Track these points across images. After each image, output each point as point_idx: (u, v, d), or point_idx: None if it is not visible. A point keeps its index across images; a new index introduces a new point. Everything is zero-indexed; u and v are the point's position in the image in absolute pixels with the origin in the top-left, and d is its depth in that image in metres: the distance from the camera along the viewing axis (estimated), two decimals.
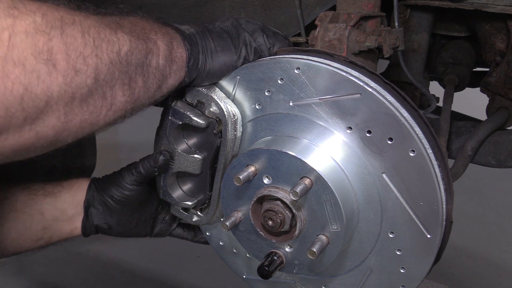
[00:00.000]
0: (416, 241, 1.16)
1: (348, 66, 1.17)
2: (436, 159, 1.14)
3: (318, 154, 1.17)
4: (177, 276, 3.52)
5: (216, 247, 1.49)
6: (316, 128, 1.19)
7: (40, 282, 3.35)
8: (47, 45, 0.84)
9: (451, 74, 1.92)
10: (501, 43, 1.65)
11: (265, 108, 1.24)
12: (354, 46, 1.35)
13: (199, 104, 1.29)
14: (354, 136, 1.16)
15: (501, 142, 1.60)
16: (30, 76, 0.81)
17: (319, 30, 1.38)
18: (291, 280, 1.39)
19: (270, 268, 1.22)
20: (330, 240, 1.17)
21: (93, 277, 3.42)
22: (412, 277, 1.20)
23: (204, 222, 1.42)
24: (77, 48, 0.88)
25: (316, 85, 1.16)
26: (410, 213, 1.14)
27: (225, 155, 1.29)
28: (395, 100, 1.13)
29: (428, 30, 1.78)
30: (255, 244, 1.29)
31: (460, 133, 1.66)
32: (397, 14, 1.45)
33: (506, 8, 1.44)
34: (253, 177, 1.20)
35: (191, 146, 1.35)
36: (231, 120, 1.26)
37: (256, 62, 1.24)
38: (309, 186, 1.14)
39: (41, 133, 0.89)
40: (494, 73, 1.68)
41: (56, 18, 0.87)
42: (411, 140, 1.10)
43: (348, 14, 1.38)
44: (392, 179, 1.14)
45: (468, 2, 1.48)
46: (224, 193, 1.29)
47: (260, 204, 1.22)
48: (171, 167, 1.35)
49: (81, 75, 0.89)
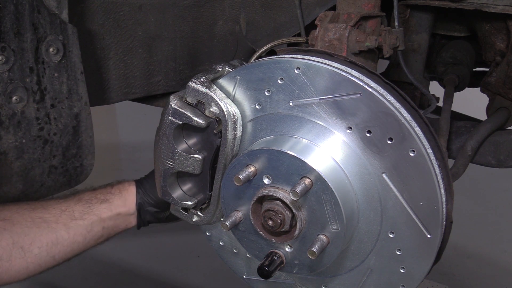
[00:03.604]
0: (416, 241, 1.16)
1: (348, 66, 1.17)
2: (436, 159, 1.14)
3: (318, 154, 1.17)
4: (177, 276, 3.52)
5: (216, 247, 1.49)
6: (316, 128, 1.19)
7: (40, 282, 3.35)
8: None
9: (451, 74, 1.92)
10: (501, 43, 1.65)
11: (265, 108, 1.24)
12: (354, 46, 1.35)
13: (199, 104, 1.29)
14: (354, 136, 1.16)
15: (501, 142, 1.60)
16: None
17: (319, 30, 1.38)
18: (291, 280, 1.39)
19: (270, 268, 1.22)
20: (330, 240, 1.17)
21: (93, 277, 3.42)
22: (412, 277, 1.20)
23: (204, 222, 1.42)
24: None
25: (316, 85, 1.16)
26: (410, 213, 1.14)
27: (225, 155, 1.29)
28: (395, 100, 1.13)
29: (428, 30, 1.78)
30: (255, 244, 1.29)
31: (460, 133, 1.66)
32: (397, 14, 1.45)
33: (506, 8, 1.44)
34: (253, 177, 1.20)
35: (191, 146, 1.35)
36: (231, 120, 1.26)
37: (256, 62, 1.24)
38: (309, 186, 1.14)
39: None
40: (494, 73, 1.68)
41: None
42: (411, 140, 1.10)
43: (348, 14, 1.38)
44: (392, 179, 1.14)
45: (468, 2, 1.48)
46: (224, 193, 1.29)
47: (260, 204, 1.22)
48: (171, 167, 1.35)
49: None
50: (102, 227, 1.61)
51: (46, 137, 1.54)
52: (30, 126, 1.49)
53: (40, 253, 1.50)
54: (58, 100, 1.52)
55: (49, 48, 1.46)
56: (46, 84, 1.49)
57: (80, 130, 1.59)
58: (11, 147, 1.48)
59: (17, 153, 1.50)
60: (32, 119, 1.49)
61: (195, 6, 1.81)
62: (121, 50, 1.72)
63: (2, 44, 1.37)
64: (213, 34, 1.88)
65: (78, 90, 1.54)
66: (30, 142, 1.51)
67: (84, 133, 1.60)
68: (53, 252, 1.53)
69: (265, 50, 1.52)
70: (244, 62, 1.39)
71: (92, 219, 1.58)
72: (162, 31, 1.79)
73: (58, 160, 1.58)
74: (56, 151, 1.57)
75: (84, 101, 1.56)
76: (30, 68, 1.44)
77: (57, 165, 1.58)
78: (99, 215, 1.60)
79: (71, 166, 1.62)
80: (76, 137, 1.59)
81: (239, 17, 1.81)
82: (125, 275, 3.50)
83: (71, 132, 1.58)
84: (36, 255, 1.50)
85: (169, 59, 1.85)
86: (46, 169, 1.57)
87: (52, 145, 1.55)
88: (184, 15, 1.81)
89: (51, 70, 1.48)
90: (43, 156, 1.55)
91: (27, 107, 1.47)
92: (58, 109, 1.53)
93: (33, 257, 1.49)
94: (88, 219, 1.58)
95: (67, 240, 1.55)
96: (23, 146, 1.50)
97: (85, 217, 1.58)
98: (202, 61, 1.92)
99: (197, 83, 1.28)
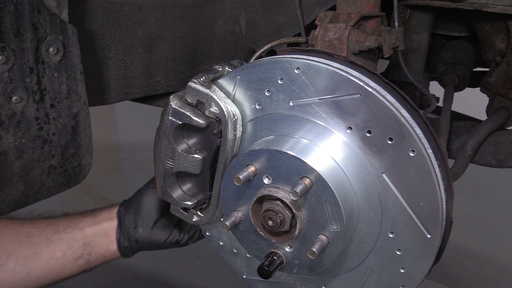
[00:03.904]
0: (416, 241, 1.16)
1: (348, 66, 1.17)
2: (436, 159, 1.14)
3: (318, 154, 1.17)
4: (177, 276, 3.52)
5: (216, 247, 1.49)
6: (316, 128, 1.19)
7: None
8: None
9: (451, 74, 1.92)
10: (501, 43, 1.65)
11: (265, 108, 1.24)
12: (354, 46, 1.35)
13: (199, 104, 1.29)
14: (354, 136, 1.16)
15: (501, 142, 1.59)
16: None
17: (319, 30, 1.38)
18: (291, 280, 1.39)
19: (270, 268, 1.22)
20: (330, 240, 1.17)
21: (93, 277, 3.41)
22: (412, 277, 1.19)
23: (204, 222, 1.42)
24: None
25: (316, 85, 1.16)
26: (410, 213, 1.14)
27: (225, 155, 1.29)
28: (395, 100, 1.13)
29: (428, 30, 1.78)
30: (255, 244, 1.29)
31: (460, 133, 1.66)
32: (397, 14, 1.45)
33: (506, 8, 1.44)
34: (253, 177, 1.20)
35: (191, 146, 1.35)
36: (231, 120, 1.26)
37: (256, 62, 1.24)
38: (309, 186, 1.14)
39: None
40: (494, 73, 1.68)
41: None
42: (411, 140, 1.10)
43: (348, 14, 1.38)
44: (392, 179, 1.14)
45: (468, 2, 1.48)
46: (224, 193, 1.29)
47: (260, 204, 1.22)
48: (171, 167, 1.35)
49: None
50: (84, 243, 1.57)
51: (45, 137, 1.54)
52: (29, 126, 1.49)
53: (15, 268, 1.47)
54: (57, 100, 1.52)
55: (49, 48, 1.46)
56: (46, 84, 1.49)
57: (79, 130, 1.59)
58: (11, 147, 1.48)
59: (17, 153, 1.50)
60: (31, 119, 1.49)
61: (195, 6, 1.81)
62: (121, 50, 1.72)
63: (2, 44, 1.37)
64: (213, 34, 1.88)
65: (77, 90, 1.55)
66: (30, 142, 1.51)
67: (83, 133, 1.60)
68: (29, 267, 1.49)
69: (265, 50, 1.52)
70: (244, 62, 1.38)
71: (75, 233, 1.56)
72: (162, 31, 1.79)
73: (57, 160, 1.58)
74: (55, 151, 1.57)
75: (83, 101, 1.57)
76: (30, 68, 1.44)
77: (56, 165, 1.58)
78: (82, 228, 1.57)
79: (69, 166, 1.62)
80: (74, 137, 1.59)
81: (239, 17, 1.81)
82: (125, 275, 3.50)
83: (69, 132, 1.58)
84: (11, 270, 1.46)
85: (169, 59, 1.85)
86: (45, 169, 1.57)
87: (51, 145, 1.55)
88: (184, 15, 1.81)
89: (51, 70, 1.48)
90: (43, 156, 1.55)
91: (27, 107, 1.47)
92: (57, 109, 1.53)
93: (7, 272, 1.46)
94: (71, 233, 1.56)
95: (45, 255, 1.52)
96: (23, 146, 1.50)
97: (68, 231, 1.56)
98: (202, 61, 1.92)
99: (197, 83, 1.28)
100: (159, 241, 1.59)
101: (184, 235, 1.61)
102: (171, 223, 1.59)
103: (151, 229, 1.57)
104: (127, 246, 1.60)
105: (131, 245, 1.60)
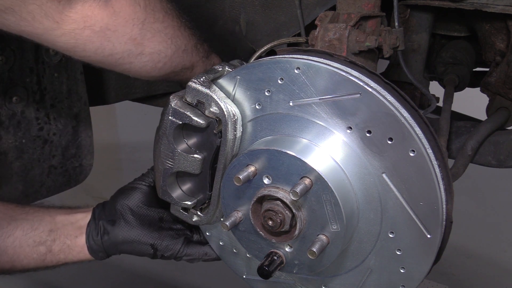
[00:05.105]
0: (416, 241, 1.16)
1: (348, 66, 1.17)
2: (436, 159, 1.14)
3: (318, 154, 1.17)
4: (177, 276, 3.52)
5: (216, 247, 1.49)
6: (316, 128, 1.19)
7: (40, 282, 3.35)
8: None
9: (451, 74, 1.92)
10: (501, 43, 1.65)
11: (265, 108, 1.24)
12: (354, 46, 1.35)
13: (199, 104, 1.29)
14: (354, 136, 1.16)
15: (501, 142, 1.59)
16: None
17: (319, 30, 1.38)
18: (291, 280, 1.39)
19: (270, 268, 1.22)
20: (330, 240, 1.17)
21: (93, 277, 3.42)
22: (412, 277, 1.19)
23: (204, 222, 1.42)
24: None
25: (316, 85, 1.16)
26: (410, 213, 1.14)
27: (225, 155, 1.29)
28: (395, 100, 1.13)
29: (428, 30, 1.78)
30: (255, 244, 1.29)
31: (460, 133, 1.66)
32: (397, 14, 1.45)
33: (506, 8, 1.44)
34: (253, 177, 1.20)
35: (191, 146, 1.35)
36: (231, 120, 1.26)
37: (256, 62, 1.24)
38: (309, 186, 1.14)
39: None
40: (494, 73, 1.68)
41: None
42: (411, 140, 1.10)
43: (348, 14, 1.38)
44: (392, 179, 1.14)
45: (468, 2, 1.48)
46: (224, 193, 1.29)
47: (260, 204, 1.22)
48: (171, 167, 1.35)
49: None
50: (50, 229, 1.44)
51: (46, 137, 1.54)
52: (30, 126, 1.49)
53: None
54: (58, 100, 1.52)
55: (49, 49, 1.46)
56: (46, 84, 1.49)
57: (79, 130, 1.59)
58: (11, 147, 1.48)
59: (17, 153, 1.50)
60: (32, 119, 1.49)
61: (195, 6, 1.81)
62: None
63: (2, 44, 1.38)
64: (213, 34, 1.88)
65: (77, 90, 1.55)
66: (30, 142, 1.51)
67: (83, 133, 1.61)
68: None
69: (265, 50, 1.52)
70: (244, 62, 1.39)
71: (43, 217, 1.44)
72: None
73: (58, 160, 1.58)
74: (56, 151, 1.57)
75: (83, 101, 1.57)
76: (30, 68, 1.44)
77: (56, 165, 1.58)
78: (53, 215, 1.46)
79: (70, 166, 1.62)
80: (75, 137, 1.59)
81: (239, 17, 1.81)
82: (125, 275, 3.50)
83: (70, 132, 1.58)
84: None
85: None
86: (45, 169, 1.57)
87: (51, 145, 1.55)
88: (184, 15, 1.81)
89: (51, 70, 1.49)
90: (43, 156, 1.55)
91: (27, 107, 1.47)
92: (57, 109, 1.53)
93: None
94: (39, 217, 1.44)
95: (3, 231, 1.38)
96: (23, 146, 1.50)
97: (37, 214, 1.45)
98: None
99: (197, 83, 1.28)
100: (132, 240, 1.46)
101: (163, 241, 1.48)
102: (151, 224, 1.49)
103: (127, 227, 1.46)
104: (97, 241, 1.47)
105: (102, 241, 1.47)
